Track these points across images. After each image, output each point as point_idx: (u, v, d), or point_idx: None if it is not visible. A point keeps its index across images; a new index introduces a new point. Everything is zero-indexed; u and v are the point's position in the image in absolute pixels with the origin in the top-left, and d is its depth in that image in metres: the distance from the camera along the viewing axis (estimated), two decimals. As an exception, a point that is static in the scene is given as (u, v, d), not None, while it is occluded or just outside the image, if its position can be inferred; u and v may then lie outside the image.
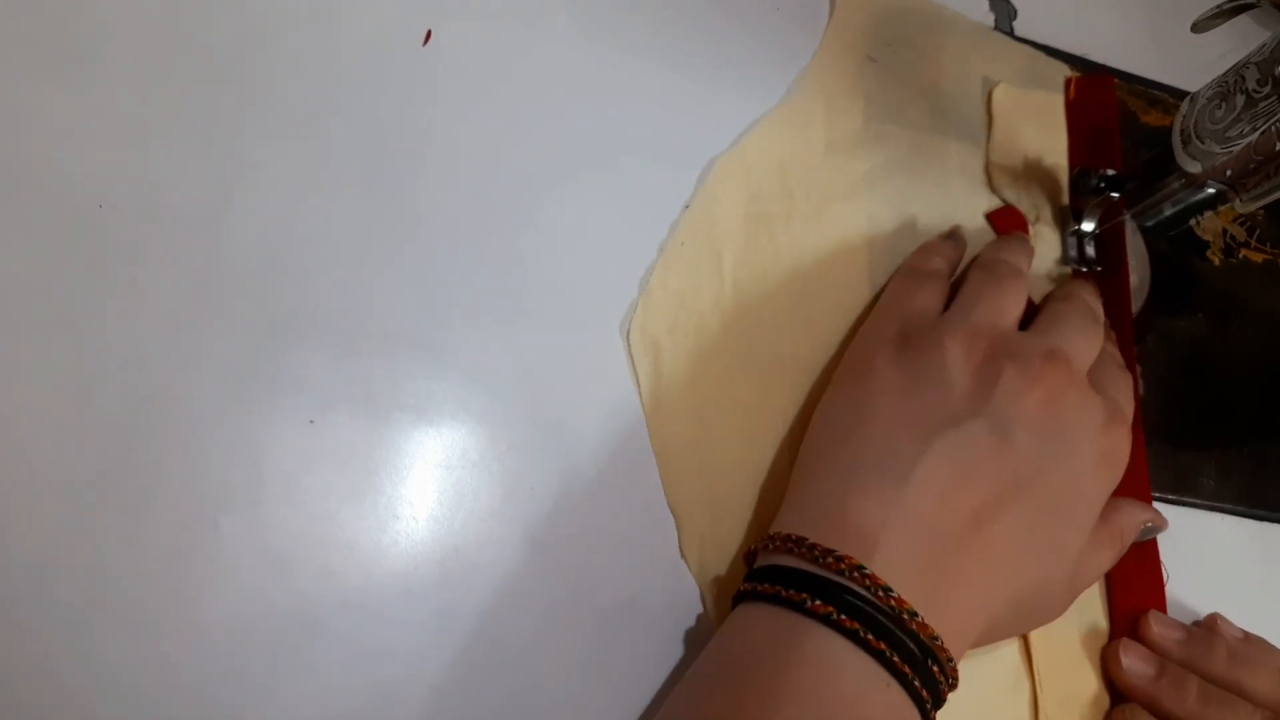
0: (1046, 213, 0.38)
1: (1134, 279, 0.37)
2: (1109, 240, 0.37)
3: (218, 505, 0.26)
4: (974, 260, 0.34)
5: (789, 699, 0.22)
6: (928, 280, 0.32)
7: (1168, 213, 0.36)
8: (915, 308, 0.31)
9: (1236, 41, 0.33)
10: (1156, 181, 0.34)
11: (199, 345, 0.27)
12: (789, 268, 0.33)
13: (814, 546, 0.25)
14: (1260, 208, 0.31)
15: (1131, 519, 0.31)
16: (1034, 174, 0.38)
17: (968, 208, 0.37)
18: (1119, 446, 0.29)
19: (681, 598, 0.29)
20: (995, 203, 0.37)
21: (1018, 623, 0.29)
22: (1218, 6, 0.31)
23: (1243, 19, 0.32)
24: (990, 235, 0.36)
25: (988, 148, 0.38)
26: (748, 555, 0.28)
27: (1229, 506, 0.36)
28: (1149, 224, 0.38)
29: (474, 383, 0.29)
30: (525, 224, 0.31)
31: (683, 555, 0.29)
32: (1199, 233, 0.40)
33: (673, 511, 0.29)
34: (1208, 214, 0.39)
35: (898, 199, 0.36)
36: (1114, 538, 0.30)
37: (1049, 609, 0.29)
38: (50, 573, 0.24)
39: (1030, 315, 0.32)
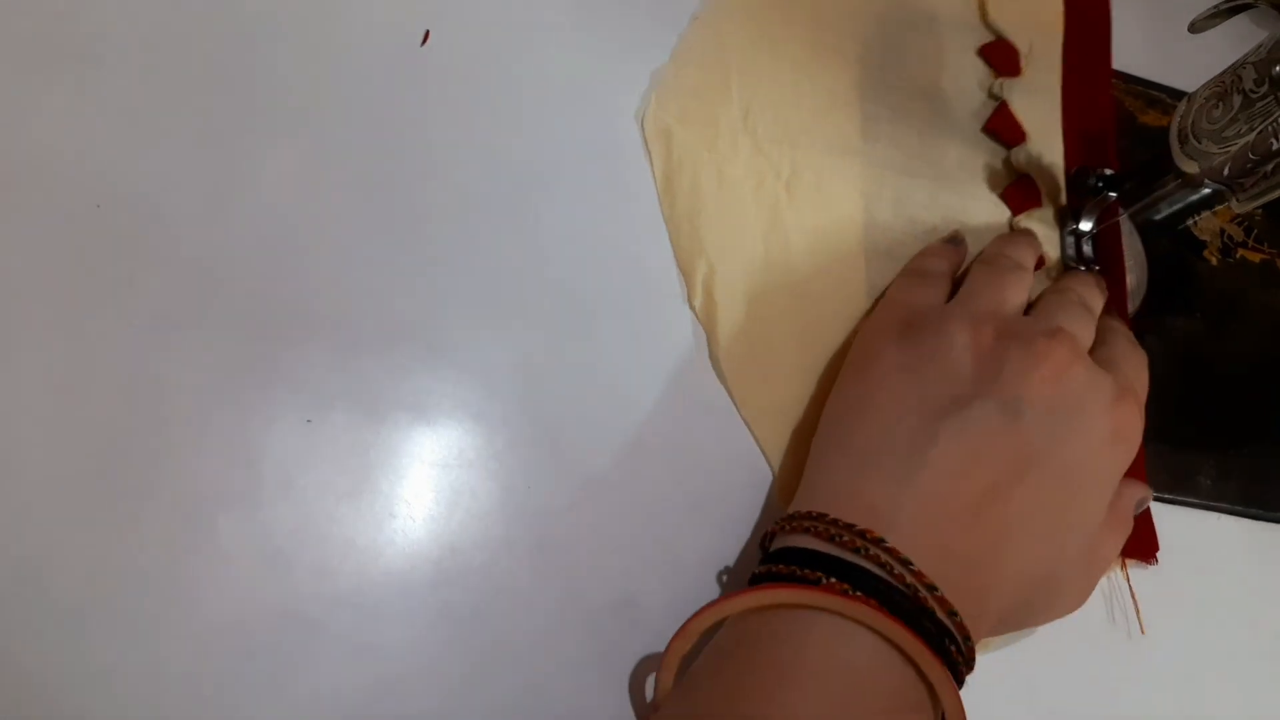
0: (1039, 56, 0.39)
1: (1131, 279, 0.37)
2: (1106, 240, 0.37)
3: (215, 503, 0.26)
4: (977, 256, 0.34)
5: (799, 677, 0.23)
6: (929, 278, 0.33)
7: (1165, 212, 0.36)
8: (918, 301, 0.31)
9: (1234, 42, 0.33)
10: (1154, 181, 0.34)
11: (197, 344, 0.27)
12: (789, 80, 0.36)
13: (834, 522, 0.25)
14: (1257, 208, 0.31)
15: (1130, 498, 0.31)
16: (1028, 3, 0.39)
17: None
18: (1130, 422, 0.29)
19: (680, 596, 0.29)
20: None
21: (1035, 608, 0.29)
22: (1215, 7, 0.31)
23: (1240, 19, 0.32)
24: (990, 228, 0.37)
25: None
26: (763, 539, 0.28)
27: (1227, 506, 0.36)
28: (1145, 221, 0.38)
29: (472, 382, 0.29)
30: (524, 223, 0.31)
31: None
32: (1196, 233, 0.40)
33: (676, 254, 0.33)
34: (1205, 214, 0.39)
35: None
36: (1121, 521, 0.30)
37: (1066, 594, 0.29)
38: (47, 571, 0.24)
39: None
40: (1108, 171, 0.36)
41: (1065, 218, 0.37)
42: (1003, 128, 0.38)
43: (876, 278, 0.34)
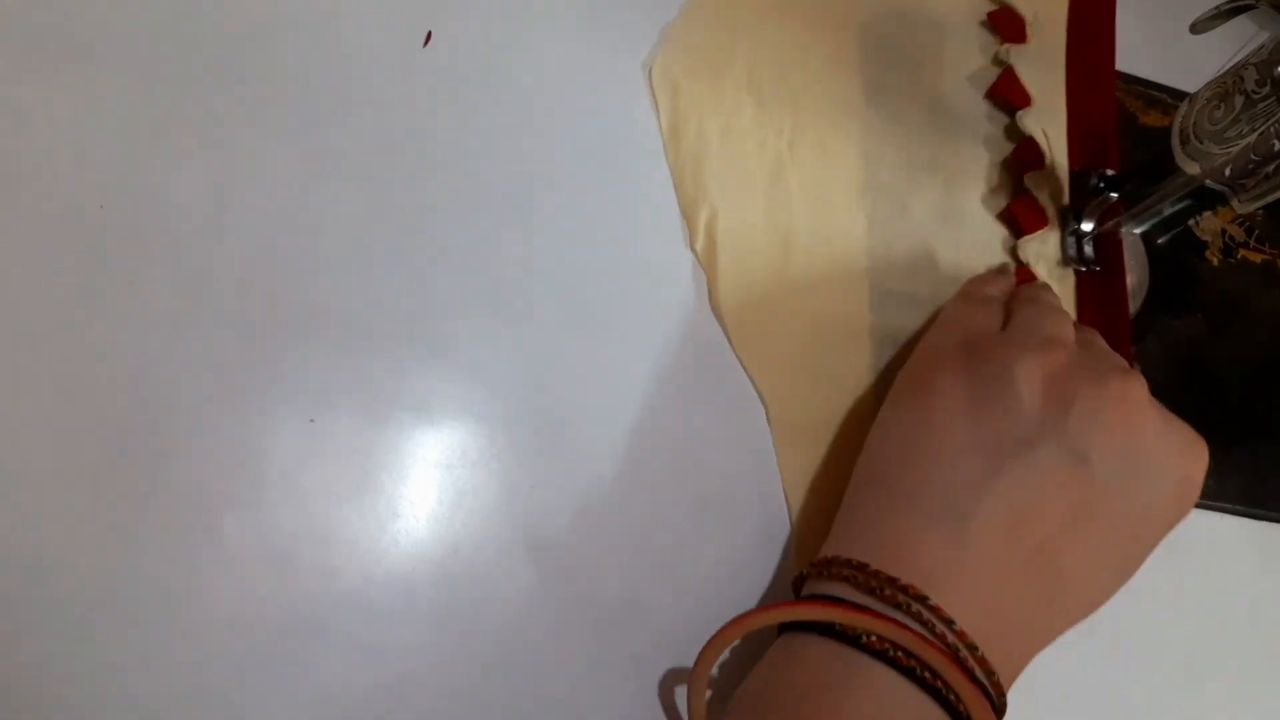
0: (1044, 25, 0.39)
1: (1132, 279, 0.38)
2: (1107, 240, 0.37)
3: (219, 504, 0.26)
4: (1017, 295, 0.33)
5: None
6: (987, 303, 0.31)
7: (1166, 213, 0.36)
8: (977, 324, 0.30)
9: (1236, 42, 0.34)
10: (1155, 182, 0.35)
11: (201, 344, 0.27)
12: (795, 42, 0.36)
13: (875, 574, 0.24)
14: (1259, 208, 0.31)
15: None
16: None
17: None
18: (1200, 474, 0.27)
19: (686, 597, 0.29)
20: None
21: (1067, 629, 0.27)
22: (1216, 7, 0.31)
23: (1242, 20, 0.32)
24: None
25: None
26: (795, 582, 0.27)
27: (1228, 506, 0.36)
28: (1146, 226, 0.38)
29: (475, 381, 0.29)
30: (526, 223, 0.31)
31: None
32: (1198, 233, 0.40)
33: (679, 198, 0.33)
34: (1206, 214, 0.39)
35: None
36: None
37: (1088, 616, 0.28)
38: (51, 571, 0.24)
39: None
40: (1109, 172, 0.36)
41: (1067, 218, 0.37)
42: (1008, 92, 0.38)
43: (875, 239, 0.35)
